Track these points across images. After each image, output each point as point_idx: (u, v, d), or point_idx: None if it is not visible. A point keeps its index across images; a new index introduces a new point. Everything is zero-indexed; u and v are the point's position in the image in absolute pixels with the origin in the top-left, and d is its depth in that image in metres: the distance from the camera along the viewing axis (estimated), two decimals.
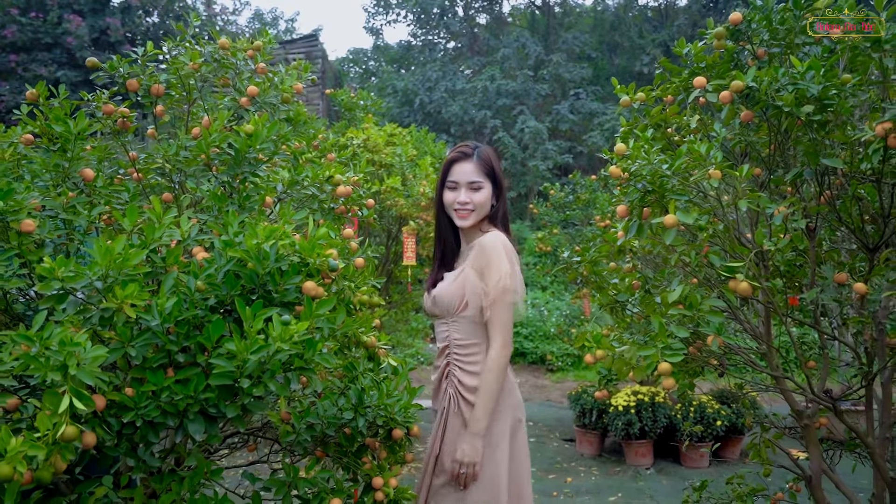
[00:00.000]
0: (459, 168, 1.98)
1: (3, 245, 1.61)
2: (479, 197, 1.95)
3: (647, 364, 1.69)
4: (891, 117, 1.55)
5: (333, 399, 1.71)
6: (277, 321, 1.33)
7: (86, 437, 1.27)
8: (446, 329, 1.98)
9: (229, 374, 1.34)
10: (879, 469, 2.01)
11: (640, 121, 2.25)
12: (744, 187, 1.65)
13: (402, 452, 1.95)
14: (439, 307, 1.98)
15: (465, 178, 1.96)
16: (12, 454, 1.13)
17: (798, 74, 1.74)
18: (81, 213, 1.76)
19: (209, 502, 1.62)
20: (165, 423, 1.35)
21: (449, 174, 2.00)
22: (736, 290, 1.60)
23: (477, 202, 1.96)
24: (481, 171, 1.97)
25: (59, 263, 1.36)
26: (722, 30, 1.97)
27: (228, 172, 1.76)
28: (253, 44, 2.18)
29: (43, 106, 1.83)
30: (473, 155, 1.98)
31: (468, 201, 1.95)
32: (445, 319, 1.98)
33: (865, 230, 1.90)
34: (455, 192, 1.97)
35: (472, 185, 1.95)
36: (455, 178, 1.98)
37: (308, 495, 1.70)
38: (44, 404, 1.23)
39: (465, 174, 1.96)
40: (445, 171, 2.01)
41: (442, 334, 2.00)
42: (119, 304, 1.35)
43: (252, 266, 1.46)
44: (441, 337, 2.00)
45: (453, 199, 1.97)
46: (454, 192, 1.98)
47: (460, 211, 1.97)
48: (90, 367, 1.23)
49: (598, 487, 4.55)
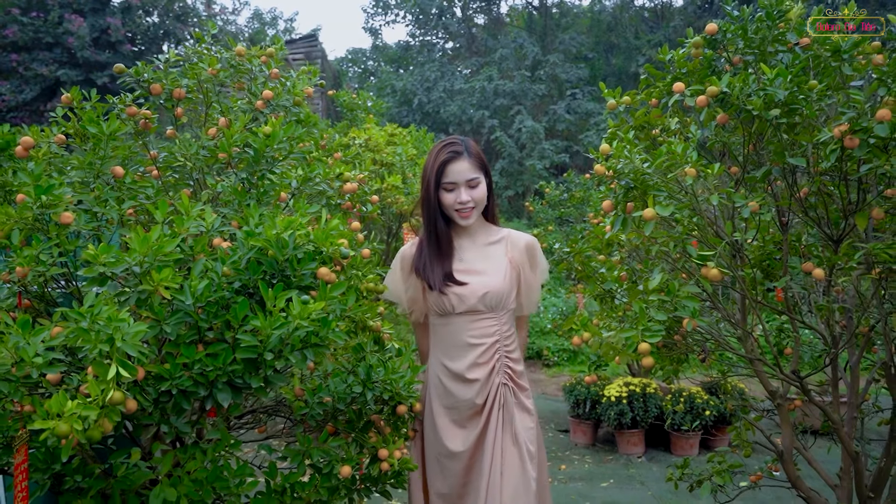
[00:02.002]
0: (455, 168, 1.95)
1: (44, 236, 1.77)
2: (478, 193, 1.97)
3: (629, 345, 1.86)
4: (846, 120, 1.72)
5: (343, 377, 1.88)
6: (297, 301, 1.49)
7: (128, 403, 1.43)
8: (494, 323, 1.99)
9: (254, 348, 1.51)
10: (844, 444, 2.18)
11: (626, 122, 2.42)
12: (716, 184, 1.82)
13: (405, 428, 2.11)
14: (488, 302, 1.98)
15: (463, 177, 1.95)
16: (68, 414, 1.30)
17: (768, 81, 1.91)
18: (112, 207, 1.92)
19: (230, 469, 1.79)
20: (197, 392, 1.52)
21: (444, 175, 1.96)
22: (707, 276, 1.77)
23: (477, 198, 1.97)
24: (476, 166, 1.98)
25: (102, 250, 1.53)
26: (699, 39, 2.14)
27: (247, 170, 1.93)
28: (266, 50, 2.35)
29: (77, 108, 1.99)
30: (464, 152, 1.97)
31: (469, 199, 1.95)
32: (494, 314, 1.99)
33: (830, 223, 2.07)
34: (454, 193, 1.96)
35: (470, 182, 1.96)
36: (452, 178, 1.95)
37: (320, 464, 1.87)
38: (92, 374, 1.40)
39: (461, 173, 1.95)
40: (439, 173, 1.96)
41: (488, 329, 1.99)
42: (155, 286, 1.52)
43: (272, 253, 1.62)
44: (487, 332, 1.99)
45: (454, 200, 1.96)
46: (453, 193, 1.96)
47: (462, 210, 1.96)
48: (132, 341, 1.40)
49: (590, 475, 4.72)
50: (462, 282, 1.98)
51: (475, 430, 2.01)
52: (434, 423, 2.09)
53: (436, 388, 2.09)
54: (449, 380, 2.05)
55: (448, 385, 2.05)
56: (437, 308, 2.04)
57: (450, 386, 2.05)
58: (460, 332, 2.01)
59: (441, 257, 2.02)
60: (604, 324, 2.33)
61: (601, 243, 2.70)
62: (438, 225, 2.01)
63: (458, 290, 1.98)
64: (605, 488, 4.40)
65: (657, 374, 2.69)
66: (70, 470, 1.66)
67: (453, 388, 2.04)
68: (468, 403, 2.01)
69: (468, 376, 2.00)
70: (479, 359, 1.99)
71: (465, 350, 2.01)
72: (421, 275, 2.02)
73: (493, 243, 2.02)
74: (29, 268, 1.68)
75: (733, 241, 2.02)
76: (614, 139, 2.21)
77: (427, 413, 2.13)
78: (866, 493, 2.21)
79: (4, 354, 1.41)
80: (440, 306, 2.02)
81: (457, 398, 2.03)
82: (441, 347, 2.08)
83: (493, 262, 2.02)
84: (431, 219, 2.01)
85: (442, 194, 1.98)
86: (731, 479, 2.48)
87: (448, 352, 2.06)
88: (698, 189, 1.96)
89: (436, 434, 2.08)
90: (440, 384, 2.08)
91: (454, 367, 2.03)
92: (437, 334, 2.10)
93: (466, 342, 2.01)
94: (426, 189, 2.00)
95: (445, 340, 2.06)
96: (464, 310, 1.99)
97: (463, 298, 1.98)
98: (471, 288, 1.97)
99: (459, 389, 2.02)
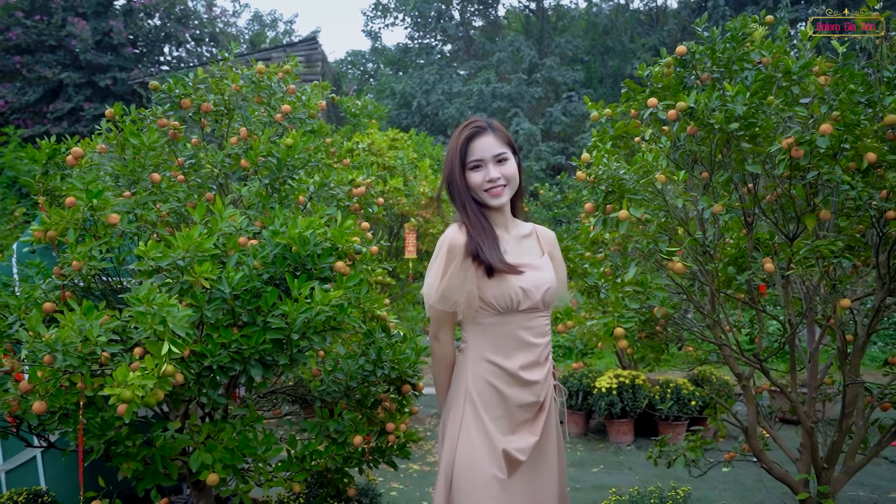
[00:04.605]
0: (479, 144, 1.74)
1: (95, 235, 2.03)
2: (508, 169, 1.74)
3: (606, 330, 2.12)
4: (793, 134, 1.98)
5: (355, 358, 2.14)
6: (319, 290, 1.75)
7: (177, 376, 1.69)
8: (546, 322, 1.79)
9: (281, 330, 1.77)
10: (801, 420, 2.44)
11: (607, 132, 2.68)
12: (681, 188, 2.09)
13: (409, 405, 2.37)
14: (548, 299, 1.77)
15: (490, 152, 1.73)
16: (132, 382, 1.56)
17: (729, 98, 2.17)
18: (151, 209, 2.18)
19: (257, 438, 2.05)
20: (233, 367, 1.77)
21: (469, 154, 1.74)
22: (673, 269, 2.04)
23: (508, 174, 1.74)
24: (502, 141, 1.76)
25: (151, 247, 1.79)
26: (670, 59, 2.40)
27: (270, 176, 2.19)
28: (283, 67, 2.61)
29: (120, 122, 2.25)
30: (489, 128, 1.77)
31: (499, 176, 1.73)
32: (546, 312, 1.79)
33: (787, 223, 2.34)
34: (482, 171, 1.73)
35: (498, 157, 1.74)
36: (478, 155, 1.73)
37: (335, 434, 2.13)
38: (139, 354, 1.66)
39: (488, 148, 1.74)
40: (464, 152, 1.75)
41: (543, 328, 1.78)
42: (196, 277, 1.78)
43: (296, 249, 1.88)
44: (543, 331, 1.78)
45: (482, 179, 1.73)
46: (481, 172, 1.73)
47: (493, 189, 1.73)
48: (180, 323, 1.66)
49: (582, 461, 4.99)
50: (520, 271, 1.73)
51: (532, 438, 1.73)
52: (481, 441, 1.70)
53: (481, 396, 1.73)
54: (503, 383, 1.73)
55: (502, 389, 1.72)
56: (498, 304, 1.71)
57: (504, 390, 1.72)
58: (518, 331, 1.74)
59: (490, 238, 1.73)
60: (589, 315, 2.59)
61: (587, 241, 2.97)
62: (472, 207, 1.75)
63: (522, 281, 1.72)
64: (595, 473, 4.66)
65: (639, 361, 2.94)
66: (121, 436, 1.91)
67: (509, 392, 1.72)
68: (525, 408, 1.74)
69: (528, 377, 1.73)
70: (539, 358, 1.76)
71: (523, 349, 1.75)
72: (480, 257, 1.70)
73: (525, 237, 1.82)
74: (83, 262, 1.94)
75: (701, 239, 2.28)
76: (595, 149, 2.47)
77: (467, 435, 1.71)
78: (821, 465, 2.47)
79: (71, 334, 1.67)
80: (504, 301, 1.71)
81: (511, 403, 1.72)
82: (490, 347, 1.75)
83: (536, 257, 1.81)
84: (462, 202, 1.76)
85: (469, 176, 1.74)
86: (702, 454, 2.74)
87: (501, 350, 1.74)
88: (668, 193, 2.22)
89: (491, 449, 1.68)
90: (491, 390, 1.73)
91: (510, 364, 1.73)
92: (488, 335, 1.75)
93: (526, 341, 1.74)
94: (450, 172, 1.77)
95: (499, 339, 1.74)
96: (528, 306, 1.73)
97: (528, 293, 1.72)
98: (533, 281, 1.73)
99: (517, 393, 1.72)
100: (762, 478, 4.03)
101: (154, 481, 2.01)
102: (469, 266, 1.70)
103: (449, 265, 1.70)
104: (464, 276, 1.70)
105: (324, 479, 2.41)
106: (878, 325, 2.40)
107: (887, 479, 4.16)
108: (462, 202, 1.76)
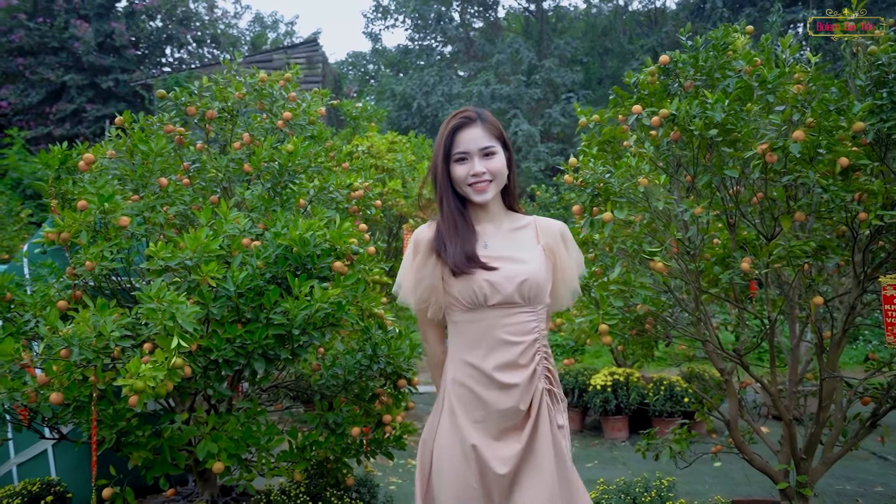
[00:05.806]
0: (466, 135, 1.66)
1: (106, 236, 2.14)
2: (495, 164, 1.65)
3: (592, 326, 2.23)
4: (766, 140, 2.09)
5: (353, 354, 2.25)
6: (318, 288, 1.86)
7: (186, 368, 1.80)
8: (532, 318, 1.65)
9: (283, 326, 1.88)
10: (780, 413, 2.55)
11: (595, 137, 2.79)
12: (663, 191, 2.19)
13: (405, 400, 2.48)
14: (526, 292, 1.63)
15: (476, 144, 1.65)
16: (144, 374, 1.67)
17: (710, 105, 2.28)
18: (159, 212, 2.29)
19: (260, 429, 2.16)
20: (237, 361, 1.89)
21: (454, 145, 1.66)
22: (654, 268, 2.14)
23: (494, 170, 1.65)
24: (491, 134, 1.68)
25: (160, 248, 1.90)
26: (654, 68, 2.51)
27: (272, 180, 2.30)
28: (284, 76, 2.72)
29: (128, 129, 2.36)
30: (478, 119, 1.68)
31: (484, 171, 1.64)
32: (531, 308, 1.65)
33: (766, 224, 2.45)
34: (466, 164, 1.65)
35: (485, 150, 1.65)
36: (463, 147, 1.65)
37: (334, 426, 2.24)
38: (149, 349, 1.77)
39: (474, 141, 1.66)
40: (449, 143, 1.67)
41: (526, 325, 1.64)
42: (203, 276, 1.89)
43: (297, 250, 1.99)
44: (525, 329, 1.64)
45: (466, 173, 1.65)
46: (465, 165, 1.65)
47: (477, 184, 1.65)
48: (188, 319, 1.77)
49: (577, 457, 5.09)
50: (491, 266, 1.64)
51: (516, 446, 1.60)
52: (460, 448, 1.60)
53: (461, 400, 1.64)
54: (480, 385, 1.62)
55: (480, 392, 1.62)
56: (464, 299, 1.64)
57: (482, 393, 1.62)
58: (493, 329, 1.63)
59: (459, 235, 1.66)
60: (580, 313, 2.70)
61: (577, 242, 3.07)
62: (449, 202, 1.69)
63: (490, 275, 1.62)
64: (589, 468, 4.77)
65: (629, 358, 3.05)
66: (132, 427, 2.03)
67: (487, 396, 1.61)
68: (507, 413, 1.61)
69: (504, 380, 1.61)
70: (518, 359, 1.63)
71: (500, 348, 1.63)
72: (441, 256, 1.66)
73: (519, 229, 1.73)
74: (96, 262, 2.05)
75: (684, 239, 2.39)
76: (583, 153, 2.58)
77: (448, 440, 1.63)
78: (800, 456, 2.58)
79: (86, 329, 1.78)
80: (469, 296, 1.63)
81: (490, 408, 1.61)
82: (466, 347, 1.66)
83: (525, 249, 1.70)
84: (441, 195, 1.69)
85: (453, 168, 1.67)
86: (687, 446, 2.85)
87: (476, 350, 1.65)
88: (651, 195, 2.33)
89: (467, 459, 1.59)
90: (467, 393, 1.63)
91: (485, 366, 1.62)
92: (463, 333, 1.68)
93: (502, 339, 1.63)
94: (434, 162, 1.70)
95: (474, 338, 1.65)
96: (498, 301, 1.62)
97: (497, 286, 1.62)
98: (504, 274, 1.63)
99: (494, 397, 1.61)
100: (750, 472, 4.13)
101: (163, 470, 2.12)
102: (433, 262, 1.67)
103: (413, 261, 1.68)
104: (427, 272, 1.66)
105: (324, 469, 2.52)
106: (853, 321, 2.50)
107: (874, 473, 4.27)
108: (440, 195, 1.69)
